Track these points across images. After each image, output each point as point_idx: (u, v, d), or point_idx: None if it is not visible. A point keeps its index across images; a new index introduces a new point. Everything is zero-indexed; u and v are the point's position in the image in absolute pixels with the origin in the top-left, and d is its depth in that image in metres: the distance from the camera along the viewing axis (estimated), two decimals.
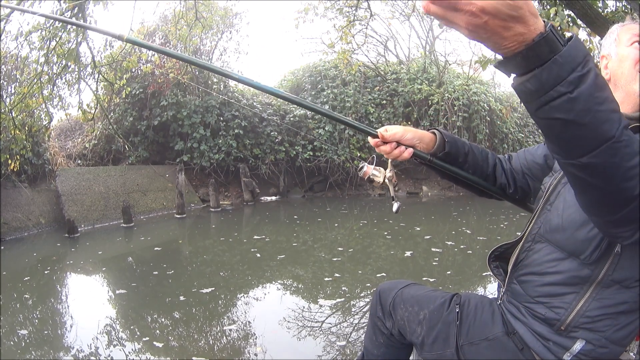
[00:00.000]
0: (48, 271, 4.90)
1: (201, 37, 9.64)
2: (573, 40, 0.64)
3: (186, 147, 9.33)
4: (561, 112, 0.65)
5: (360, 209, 9.21)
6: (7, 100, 6.28)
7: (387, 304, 1.39)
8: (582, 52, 0.65)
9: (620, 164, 0.68)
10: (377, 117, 10.69)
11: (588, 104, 0.64)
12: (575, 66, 0.64)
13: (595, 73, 0.65)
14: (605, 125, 0.65)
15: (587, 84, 0.64)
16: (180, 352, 2.89)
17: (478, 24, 0.59)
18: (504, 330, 1.14)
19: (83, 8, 5.25)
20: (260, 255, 5.32)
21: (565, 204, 1.03)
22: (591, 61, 0.65)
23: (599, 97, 0.65)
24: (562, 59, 0.63)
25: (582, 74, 0.64)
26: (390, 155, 1.20)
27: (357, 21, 7.50)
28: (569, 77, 0.63)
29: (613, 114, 0.66)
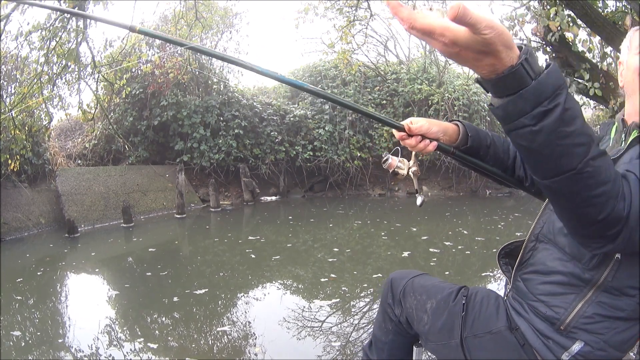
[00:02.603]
0: (48, 271, 4.90)
1: (201, 37, 9.63)
2: (544, 74, 0.66)
3: (186, 147, 9.33)
4: (524, 140, 0.69)
5: (359, 209, 9.21)
6: (7, 100, 6.29)
7: (398, 292, 1.42)
8: (553, 86, 0.66)
9: (579, 193, 0.70)
10: None
11: (550, 137, 0.67)
12: (541, 101, 0.66)
13: (563, 107, 0.66)
14: (564, 158, 0.68)
15: (551, 119, 0.66)
16: (180, 352, 2.89)
17: (451, 52, 0.64)
18: (507, 325, 1.16)
19: (83, 8, 5.24)
20: (260, 255, 5.32)
21: None
22: (563, 94, 0.67)
23: (563, 131, 0.67)
24: (528, 94, 0.65)
25: (547, 109, 0.66)
26: (415, 149, 1.19)
27: (357, 21, 7.50)
28: (533, 112, 0.66)
29: (577, 147, 0.68)
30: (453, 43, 0.62)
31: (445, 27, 0.62)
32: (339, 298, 3.90)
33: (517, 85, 0.65)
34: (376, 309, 3.74)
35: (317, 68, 11.53)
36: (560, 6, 2.74)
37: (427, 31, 0.63)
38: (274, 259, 5.23)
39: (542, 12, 2.84)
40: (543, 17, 2.80)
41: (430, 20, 0.62)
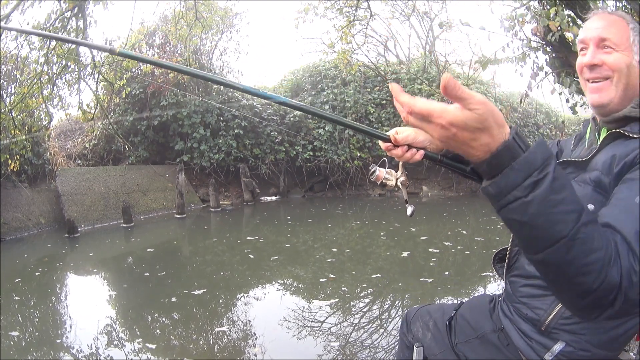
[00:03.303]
0: (48, 271, 4.90)
1: (201, 37, 9.64)
2: (534, 146, 0.69)
3: (186, 147, 9.33)
4: (516, 214, 0.70)
5: (359, 209, 9.21)
6: (7, 100, 6.29)
7: (409, 320, 1.53)
8: (542, 157, 0.69)
9: (574, 261, 0.70)
10: (377, 117, 10.69)
11: (541, 207, 0.68)
12: (531, 171, 0.68)
13: (553, 176, 0.69)
14: (557, 226, 0.69)
15: (542, 189, 0.68)
16: (180, 352, 2.89)
17: (448, 135, 0.67)
18: (492, 328, 1.24)
19: (83, 8, 5.24)
20: (260, 256, 5.32)
21: None
22: (551, 164, 0.69)
23: (554, 199, 0.68)
24: (519, 165, 0.68)
25: (537, 179, 0.68)
26: (402, 159, 1.18)
27: (357, 21, 7.49)
28: (524, 183, 0.68)
29: (568, 214, 0.69)
30: (450, 124, 0.66)
31: (443, 109, 0.67)
32: (339, 298, 3.90)
33: (509, 159, 0.68)
34: (376, 309, 3.75)
35: (317, 68, 11.53)
36: (560, 6, 2.74)
37: (425, 114, 0.68)
38: (273, 259, 5.23)
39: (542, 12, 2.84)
40: (543, 17, 2.80)
41: (429, 104, 0.68)
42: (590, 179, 0.99)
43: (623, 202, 0.84)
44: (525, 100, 6.89)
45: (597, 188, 0.97)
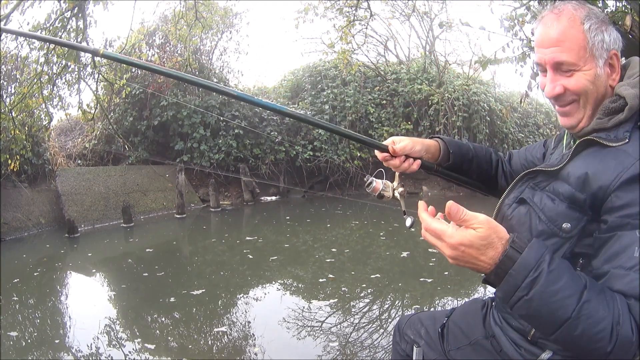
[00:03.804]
0: (48, 271, 4.90)
1: (201, 37, 9.64)
2: (526, 249, 0.79)
3: (186, 147, 9.33)
4: (523, 310, 0.80)
5: (358, 209, 9.20)
6: (7, 100, 6.29)
7: (401, 329, 1.52)
8: (535, 255, 0.79)
9: (583, 335, 0.77)
10: (377, 117, 10.69)
11: (542, 300, 0.77)
12: (527, 272, 0.78)
13: (547, 271, 0.78)
14: (559, 311, 0.77)
15: (539, 284, 0.77)
16: (180, 352, 2.89)
17: (458, 253, 0.82)
18: (484, 334, 1.23)
19: (83, 8, 5.25)
20: (260, 256, 5.32)
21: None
22: (546, 260, 0.78)
23: (551, 290, 0.77)
24: (515, 270, 0.79)
25: (533, 278, 0.78)
26: (399, 169, 1.24)
27: (357, 21, 7.49)
28: (522, 284, 0.78)
29: (568, 299, 0.77)
30: (459, 244, 0.80)
31: (453, 231, 0.81)
32: (339, 298, 3.90)
33: (510, 265, 0.79)
34: (376, 308, 3.75)
35: (317, 68, 11.52)
36: None
37: (439, 233, 0.83)
38: (272, 259, 5.23)
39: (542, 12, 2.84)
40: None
41: (442, 226, 0.83)
42: (564, 195, 0.94)
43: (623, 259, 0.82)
44: (525, 100, 6.89)
45: (572, 205, 0.93)
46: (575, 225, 0.92)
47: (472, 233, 0.80)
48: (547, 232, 0.96)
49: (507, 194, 1.08)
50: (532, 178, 1.06)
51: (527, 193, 1.03)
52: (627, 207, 0.84)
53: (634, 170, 0.85)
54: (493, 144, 10.64)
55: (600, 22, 0.98)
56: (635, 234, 0.82)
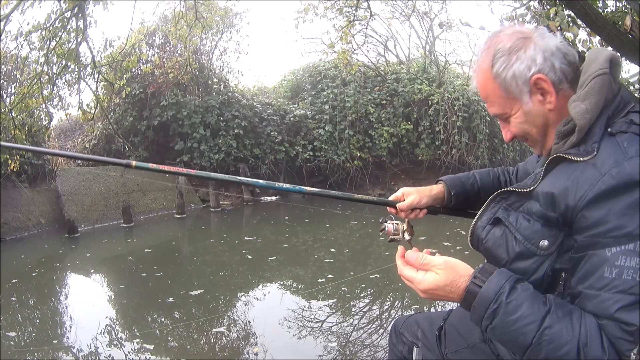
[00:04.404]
0: (47, 272, 4.90)
1: (201, 37, 9.63)
2: (485, 284, 0.85)
3: (186, 147, 9.33)
4: (491, 336, 0.88)
5: (358, 209, 9.19)
6: (7, 100, 6.28)
7: (398, 330, 1.52)
8: (494, 289, 0.84)
9: (547, 359, 0.80)
10: (377, 117, 10.69)
11: (503, 328, 0.83)
12: (487, 305, 0.84)
13: (505, 302, 0.83)
14: (519, 339, 0.82)
15: (500, 315, 0.83)
16: (180, 352, 2.89)
17: (428, 296, 0.92)
18: (482, 337, 1.22)
19: (83, 8, 5.24)
20: (259, 256, 5.32)
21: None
22: (505, 292, 0.83)
23: (511, 320, 0.82)
24: (477, 303, 0.85)
25: (493, 310, 0.83)
26: (409, 218, 1.34)
27: (357, 21, 7.49)
28: (485, 315, 0.84)
29: (527, 327, 0.81)
30: (426, 290, 0.90)
31: (420, 280, 0.91)
32: (339, 298, 3.90)
33: (472, 299, 0.86)
34: (376, 309, 3.75)
35: (317, 68, 11.52)
36: (560, 6, 2.74)
37: (409, 279, 0.94)
38: (272, 259, 5.23)
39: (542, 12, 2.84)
40: (543, 17, 2.80)
41: (411, 274, 0.93)
42: (537, 215, 0.94)
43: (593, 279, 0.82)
44: None
45: (546, 223, 0.92)
46: (553, 242, 0.91)
47: (435, 277, 0.89)
48: (525, 253, 0.94)
49: (479, 216, 1.08)
50: (505, 198, 1.04)
51: (502, 213, 1.02)
52: (595, 227, 0.82)
53: (600, 187, 0.82)
54: (493, 144, 10.64)
55: (507, 54, 0.95)
56: (605, 253, 0.81)
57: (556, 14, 2.67)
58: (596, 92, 0.90)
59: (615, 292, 0.79)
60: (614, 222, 0.80)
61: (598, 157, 0.86)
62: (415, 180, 11.08)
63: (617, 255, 0.80)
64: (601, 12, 2.86)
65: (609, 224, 0.81)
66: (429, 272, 0.90)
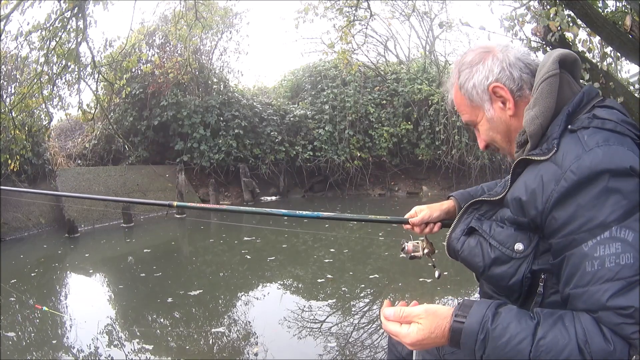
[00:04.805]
0: (47, 272, 4.90)
1: (201, 37, 9.63)
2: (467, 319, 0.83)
3: (186, 147, 9.33)
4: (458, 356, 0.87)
5: (357, 209, 9.21)
6: (7, 100, 6.28)
7: None
8: (477, 320, 0.82)
9: None
10: (377, 117, 10.69)
11: (497, 354, 0.81)
12: (475, 337, 0.82)
13: (491, 328, 0.81)
14: (516, 356, 0.80)
15: (490, 342, 0.81)
16: (180, 352, 2.89)
17: (416, 347, 0.95)
18: None
19: (83, 8, 5.24)
20: (259, 256, 5.32)
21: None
22: (488, 321, 0.82)
23: (502, 343, 0.80)
24: (464, 339, 0.83)
25: (482, 339, 0.82)
26: (422, 234, 1.37)
27: (357, 21, 7.48)
28: (476, 347, 0.82)
29: (520, 345, 0.79)
30: (414, 342, 0.87)
31: (404, 335, 0.88)
32: (339, 298, 3.90)
33: (458, 337, 0.84)
34: (376, 309, 3.75)
35: (317, 68, 11.53)
36: (560, 6, 2.74)
37: (394, 334, 0.90)
38: (272, 259, 5.23)
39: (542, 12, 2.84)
40: (543, 17, 2.80)
41: (395, 329, 0.89)
42: (509, 221, 0.95)
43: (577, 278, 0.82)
44: None
45: (519, 228, 0.93)
46: (528, 245, 0.92)
47: (419, 328, 0.87)
48: (500, 258, 0.95)
49: (453, 228, 1.10)
50: (477, 209, 1.06)
51: (475, 223, 1.03)
52: (567, 225, 0.83)
53: (563, 185, 0.83)
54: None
55: (469, 67, 1.02)
56: (582, 249, 0.81)
57: (556, 14, 2.67)
58: (544, 96, 0.93)
59: (603, 283, 0.78)
60: (584, 216, 0.81)
61: (558, 153, 0.87)
62: (415, 180, 11.09)
63: (594, 247, 0.80)
64: (601, 12, 2.86)
65: (579, 219, 0.81)
66: (412, 324, 0.88)
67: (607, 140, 0.84)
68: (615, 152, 0.82)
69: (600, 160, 0.81)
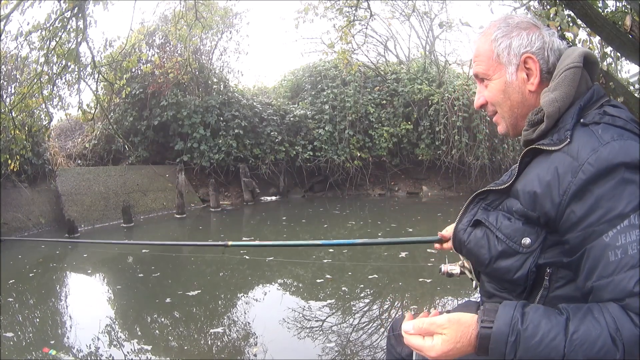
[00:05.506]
0: (47, 272, 4.90)
1: (201, 37, 9.63)
2: (495, 323, 0.82)
3: (186, 147, 9.33)
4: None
5: (357, 209, 9.21)
6: (7, 100, 6.28)
7: (395, 331, 1.51)
8: (506, 322, 0.81)
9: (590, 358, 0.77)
10: (377, 117, 10.69)
11: (530, 354, 0.79)
12: (505, 340, 0.80)
13: (522, 329, 0.80)
14: (552, 354, 0.78)
15: (522, 343, 0.79)
16: (179, 352, 2.89)
17: (446, 357, 0.84)
18: None
19: (83, 8, 5.24)
20: (259, 256, 5.31)
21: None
22: (518, 322, 0.80)
23: (535, 343, 0.79)
24: (493, 344, 0.81)
25: (513, 341, 0.80)
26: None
27: (357, 21, 7.49)
28: (507, 350, 0.80)
29: (553, 341, 0.78)
30: (439, 355, 0.84)
31: (429, 348, 0.85)
32: (339, 298, 3.89)
33: (487, 342, 0.82)
34: (376, 308, 3.75)
35: (317, 68, 11.52)
36: (560, 6, 2.74)
37: (419, 349, 0.87)
38: (271, 259, 5.23)
39: (542, 12, 2.84)
40: (543, 17, 2.80)
41: (419, 343, 0.87)
42: (517, 213, 0.94)
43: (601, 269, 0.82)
44: None
45: (527, 221, 0.93)
46: (535, 239, 0.92)
47: (443, 339, 0.84)
48: (507, 252, 0.95)
49: (460, 219, 1.09)
50: (483, 199, 1.06)
51: (481, 214, 1.03)
52: (586, 218, 0.83)
53: (581, 177, 0.83)
54: (493, 144, 10.64)
55: (510, 29, 1.01)
56: (603, 240, 0.81)
57: (556, 14, 2.67)
58: (567, 83, 0.94)
59: (628, 270, 0.79)
60: (603, 207, 0.82)
61: (573, 145, 0.88)
62: (415, 180, 11.08)
63: (615, 236, 0.80)
64: (601, 12, 2.86)
65: (598, 210, 0.82)
66: (436, 336, 0.85)
67: (622, 135, 0.86)
68: (630, 146, 0.84)
69: (617, 153, 0.82)
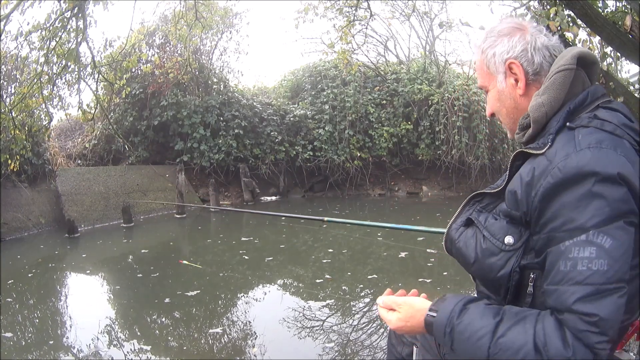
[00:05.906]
0: (47, 272, 4.90)
1: (201, 37, 9.63)
2: (438, 313, 0.92)
3: (186, 147, 9.33)
4: (455, 355, 0.92)
5: (357, 208, 9.20)
6: (7, 100, 6.28)
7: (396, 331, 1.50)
8: (446, 314, 0.90)
9: None
10: (377, 117, 10.69)
11: (461, 347, 0.87)
12: (443, 329, 0.90)
13: (456, 323, 0.88)
14: (477, 352, 0.84)
15: (455, 335, 0.88)
16: (179, 352, 2.89)
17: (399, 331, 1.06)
18: None
19: (83, 8, 5.24)
20: (259, 256, 5.31)
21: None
22: (455, 314, 0.89)
23: (464, 337, 0.86)
24: (436, 330, 0.92)
25: (449, 332, 0.89)
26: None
27: (357, 21, 7.48)
28: (445, 338, 0.90)
29: (480, 340, 0.84)
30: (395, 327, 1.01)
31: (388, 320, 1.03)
32: (338, 298, 3.89)
33: (431, 328, 0.94)
34: (375, 309, 3.74)
35: (317, 68, 11.52)
36: (560, 6, 2.73)
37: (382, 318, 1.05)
38: (271, 259, 5.23)
39: (542, 12, 2.83)
40: (543, 17, 2.80)
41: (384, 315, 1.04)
42: (503, 213, 0.96)
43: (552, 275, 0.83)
44: None
45: (511, 221, 0.94)
46: (518, 239, 0.92)
47: (398, 316, 1.00)
48: (490, 249, 0.96)
49: (454, 219, 1.10)
50: (479, 201, 1.07)
51: (473, 215, 1.04)
52: (550, 222, 0.84)
53: (549, 181, 0.84)
54: (493, 144, 10.64)
55: (495, 38, 1.04)
56: (560, 248, 0.82)
57: (556, 14, 2.66)
58: (555, 87, 0.94)
59: (572, 284, 0.79)
60: (565, 215, 0.82)
61: (552, 149, 0.88)
62: (415, 180, 11.08)
63: (570, 248, 0.80)
64: (601, 12, 2.86)
65: (560, 218, 0.82)
66: (395, 313, 1.01)
67: (600, 143, 0.83)
68: (605, 156, 0.82)
69: (587, 162, 0.81)
